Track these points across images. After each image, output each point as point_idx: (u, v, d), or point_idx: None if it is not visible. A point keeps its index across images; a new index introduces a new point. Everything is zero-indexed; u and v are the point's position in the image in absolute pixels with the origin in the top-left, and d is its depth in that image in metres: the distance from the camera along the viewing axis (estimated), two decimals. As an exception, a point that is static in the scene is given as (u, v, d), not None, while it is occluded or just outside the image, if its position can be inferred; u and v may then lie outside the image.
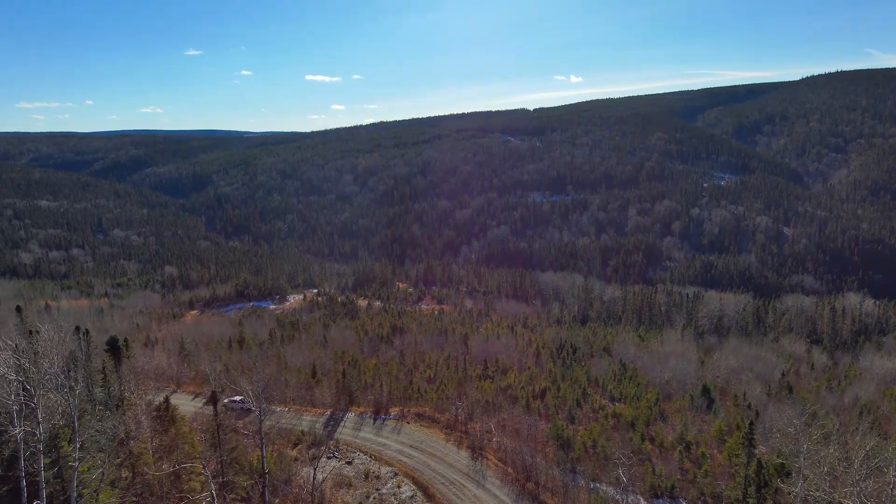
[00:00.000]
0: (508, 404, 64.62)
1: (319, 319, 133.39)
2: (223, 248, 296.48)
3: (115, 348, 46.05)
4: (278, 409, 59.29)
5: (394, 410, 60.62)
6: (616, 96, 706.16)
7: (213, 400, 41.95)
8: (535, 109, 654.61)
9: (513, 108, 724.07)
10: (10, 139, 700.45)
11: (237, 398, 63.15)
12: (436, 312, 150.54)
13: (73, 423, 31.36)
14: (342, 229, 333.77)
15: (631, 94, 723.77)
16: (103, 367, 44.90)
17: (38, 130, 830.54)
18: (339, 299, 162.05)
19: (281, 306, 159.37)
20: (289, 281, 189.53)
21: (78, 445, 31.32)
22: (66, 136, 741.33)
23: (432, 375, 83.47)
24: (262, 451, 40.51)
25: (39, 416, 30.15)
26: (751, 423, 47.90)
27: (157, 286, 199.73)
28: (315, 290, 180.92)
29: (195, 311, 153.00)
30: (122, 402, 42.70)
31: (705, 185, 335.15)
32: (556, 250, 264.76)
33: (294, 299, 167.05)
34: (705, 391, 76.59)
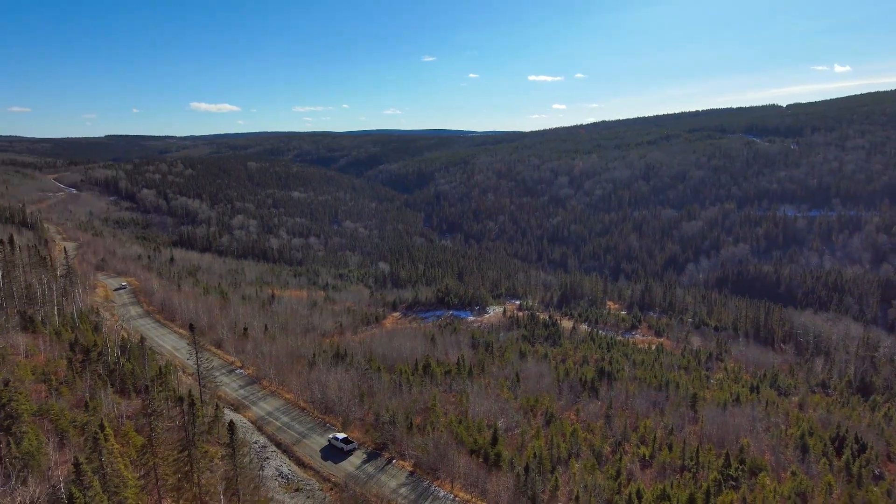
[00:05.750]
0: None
1: (516, 342, 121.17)
2: (434, 246, 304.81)
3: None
4: (442, 494, 47.28)
5: (592, 541, 43.84)
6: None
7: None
8: (788, 105, 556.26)
9: (759, 104, 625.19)
10: (282, 138, 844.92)
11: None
12: (653, 348, 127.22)
13: None
14: (552, 234, 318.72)
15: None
16: None
17: (305, 130, 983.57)
18: (542, 317, 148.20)
19: (479, 318, 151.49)
20: (491, 289, 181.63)
21: None
22: (323, 135, 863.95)
23: (647, 457, 64.15)
24: None
25: None
26: None
27: (370, 280, 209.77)
28: (517, 303, 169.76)
29: (397, 314, 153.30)
30: None
31: None
32: (814, 280, 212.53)
33: (494, 312, 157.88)
34: None
